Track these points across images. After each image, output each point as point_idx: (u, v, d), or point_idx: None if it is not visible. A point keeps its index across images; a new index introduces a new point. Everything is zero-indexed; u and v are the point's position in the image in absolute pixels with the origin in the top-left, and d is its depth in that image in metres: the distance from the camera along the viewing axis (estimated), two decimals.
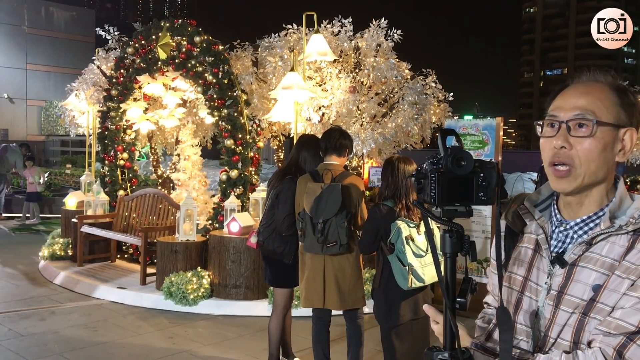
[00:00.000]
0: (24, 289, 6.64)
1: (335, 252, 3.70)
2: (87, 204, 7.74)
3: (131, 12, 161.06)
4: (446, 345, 1.19)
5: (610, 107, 1.23)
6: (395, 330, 3.33)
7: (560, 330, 1.23)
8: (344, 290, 3.80)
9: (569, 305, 1.22)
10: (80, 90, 9.09)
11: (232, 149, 6.49)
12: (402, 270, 3.23)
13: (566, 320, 1.22)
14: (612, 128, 1.22)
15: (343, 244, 3.67)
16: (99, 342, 4.98)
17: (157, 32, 7.14)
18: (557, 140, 1.23)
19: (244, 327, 5.44)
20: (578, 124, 1.22)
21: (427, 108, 6.27)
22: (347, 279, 3.80)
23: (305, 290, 3.93)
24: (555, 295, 1.25)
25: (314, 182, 3.80)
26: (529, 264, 1.33)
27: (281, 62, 6.42)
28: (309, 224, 3.72)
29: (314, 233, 3.68)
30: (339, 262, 3.79)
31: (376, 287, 3.42)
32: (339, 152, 3.89)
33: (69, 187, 13.57)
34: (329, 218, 3.64)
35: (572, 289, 1.22)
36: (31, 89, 29.35)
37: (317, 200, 3.67)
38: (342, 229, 3.64)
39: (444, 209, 1.18)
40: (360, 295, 3.89)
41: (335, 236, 3.66)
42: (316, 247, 3.71)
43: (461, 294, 1.24)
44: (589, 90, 1.25)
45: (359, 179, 3.97)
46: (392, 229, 3.26)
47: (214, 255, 6.01)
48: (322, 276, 3.82)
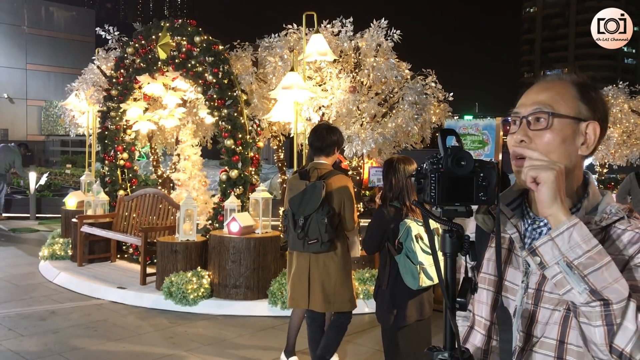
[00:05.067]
0: (24, 289, 6.64)
1: (317, 249, 3.70)
2: (87, 204, 7.74)
3: (131, 12, 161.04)
4: (446, 345, 1.19)
5: (569, 101, 1.24)
6: (402, 330, 3.33)
7: (544, 329, 1.22)
8: (329, 291, 3.78)
9: (550, 302, 1.22)
10: (80, 90, 9.09)
11: (232, 149, 6.49)
12: (413, 269, 3.23)
13: (549, 317, 1.22)
14: (572, 121, 1.23)
15: (324, 242, 3.65)
16: (99, 342, 4.98)
17: (157, 32, 7.14)
18: (517, 135, 1.25)
19: (244, 327, 5.44)
20: (536, 118, 1.24)
21: (427, 108, 6.26)
22: (332, 279, 3.78)
23: (290, 290, 3.93)
24: (534, 294, 1.25)
25: (300, 180, 3.83)
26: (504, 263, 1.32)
27: (281, 62, 6.42)
28: (291, 221, 3.75)
29: (295, 229, 3.71)
30: (324, 262, 3.77)
31: (382, 287, 3.40)
32: (327, 152, 3.88)
33: (69, 187, 13.58)
34: (309, 214, 3.65)
35: (550, 286, 1.22)
36: (31, 89, 29.37)
37: (300, 197, 3.70)
38: (323, 226, 3.63)
39: (444, 209, 1.18)
40: (346, 298, 3.84)
41: (316, 233, 3.65)
42: (298, 244, 3.73)
43: (461, 294, 1.24)
44: (549, 86, 1.27)
45: (347, 178, 3.93)
46: (400, 229, 3.27)
47: (214, 255, 6.01)
48: (307, 276, 3.81)
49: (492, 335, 1.33)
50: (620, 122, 9.65)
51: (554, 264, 1.10)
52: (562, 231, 1.09)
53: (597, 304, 1.07)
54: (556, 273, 1.10)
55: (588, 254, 1.07)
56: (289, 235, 3.82)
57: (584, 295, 1.07)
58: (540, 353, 1.22)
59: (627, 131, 9.77)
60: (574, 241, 1.08)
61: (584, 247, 1.08)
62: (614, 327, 1.07)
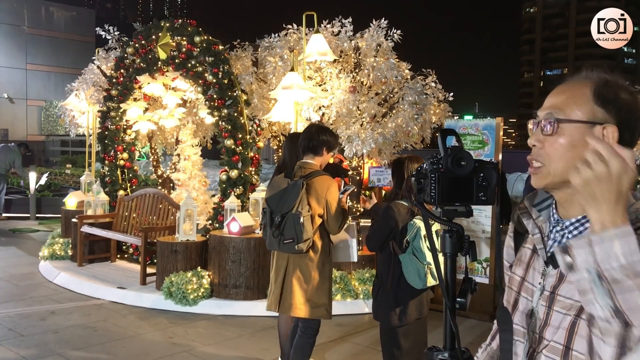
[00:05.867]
0: (24, 289, 6.64)
1: (292, 250, 3.58)
2: (87, 204, 7.74)
3: (131, 12, 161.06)
4: (446, 345, 1.19)
5: (582, 104, 1.20)
6: (403, 329, 3.33)
7: (554, 333, 1.22)
8: (303, 295, 3.65)
9: (563, 306, 1.21)
10: (80, 90, 9.09)
11: (232, 149, 6.49)
12: (420, 269, 3.22)
13: (560, 321, 1.21)
14: (583, 125, 1.18)
15: (300, 242, 3.53)
16: (99, 342, 4.98)
17: (157, 32, 7.14)
18: (531, 140, 1.25)
19: (244, 327, 5.44)
20: (548, 123, 1.22)
21: (427, 108, 6.26)
22: (306, 283, 3.65)
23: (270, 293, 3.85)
24: (548, 296, 1.24)
25: (284, 178, 3.77)
26: (526, 264, 1.32)
27: (281, 62, 6.42)
28: (268, 219, 3.66)
29: (271, 227, 3.62)
30: (299, 264, 3.66)
31: (386, 286, 3.37)
32: (315, 151, 3.76)
33: (69, 187, 13.57)
34: (286, 213, 3.56)
35: (564, 290, 1.21)
36: (31, 89, 29.35)
37: (279, 195, 3.62)
38: (299, 226, 3.52)
39: (444, 209, 1.18)
40: (321, 304, 3.68)
41: (292, 233, 3.54)
42: (274, 243, 3.63)
43: (461, 294, 1.24)
44: (567, 89, 1.24)
45: (331, 180, 3.74)
46: (409, 228, 3.26)
47: (214, 255, 6.01)
48: (282, 277, 3.72)
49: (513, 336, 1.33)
50: None
51: (584, 269, 1.00)
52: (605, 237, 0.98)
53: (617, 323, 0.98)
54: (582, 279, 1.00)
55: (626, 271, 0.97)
56: (266, 233, 3.71)
57: (605, 311, 0.99)
58: (546, 356, 1.22)
59: None
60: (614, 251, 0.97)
61: (622, 261, 0.97)
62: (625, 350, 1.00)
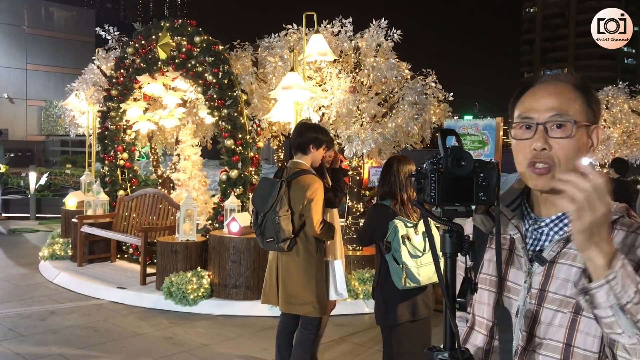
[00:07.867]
0: (24, 289, 6.64)
1: (273, 248, 3.70)
2: (87, 204, 7.74)
3: (131, 12, 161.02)
4: (446, 345, 1.19)
5: (582, 108, 1.24)
6: (394, 330, 3.33)
7: (547, 330, 1.22)
8: (290, 292, 3.71)
9: (554, 303, 1.22)
10: (80, 90, 9.09)
11: (232, 149, 6.49)
12: (397, 269, 3.22)
13: (552, 318, 1.22)
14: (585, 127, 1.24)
15: (279, 242, 3.60)
16: (99, 342, 4.98)
17: (157, 32, 7.14)
18: (538, 142, 1.23)
19: (244, 327, 5.44)
20: (556, 125, 1.22)
21: (427, 108, 6.26)
22: (292, 281, 3.70)
23: (264, 286, 3.95)
24: (537, 294, 1.25)
25: (272, 178, 3.83)
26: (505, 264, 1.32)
27: (281, 62, 6.42)
28: (254, 218, 3.77)
29: (254, 226, 3.75)
30: (286, 262, 3.74)
31: (375, 286, 3.42)
32: (302, 149, 3.77)
33: (68, 187, 13.57)
34: (266, 212, 3.64)
35: (554, 286, 1.22)
36: (31, 89, 29.36)
37: (262, 195, 3.70)
38: (276, 225, 3.58)
39: (444, 209, 1.18)
40: (308, 302, 3.69)
41: (272, 232, 3.61)
42: (259, 241, 3.77)
43: (461, 294, 1.24)
44: (559, 91, 1.25)
45: (315, 179, 3.69)
46: (389, 228, 3.26)
47: (214, 255, 6.01)
48: (275, 273, 3.82)
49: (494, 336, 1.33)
50: (620, 122, 9.64)
51: (607, 307, 1.05)
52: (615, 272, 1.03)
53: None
54: (608, 316, 1.05)
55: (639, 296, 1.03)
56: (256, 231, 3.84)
57: (633, 339, 1.05)
58: (544, 355, 1.22)
59: (627, 131, 9.76)
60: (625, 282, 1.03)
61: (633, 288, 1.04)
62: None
